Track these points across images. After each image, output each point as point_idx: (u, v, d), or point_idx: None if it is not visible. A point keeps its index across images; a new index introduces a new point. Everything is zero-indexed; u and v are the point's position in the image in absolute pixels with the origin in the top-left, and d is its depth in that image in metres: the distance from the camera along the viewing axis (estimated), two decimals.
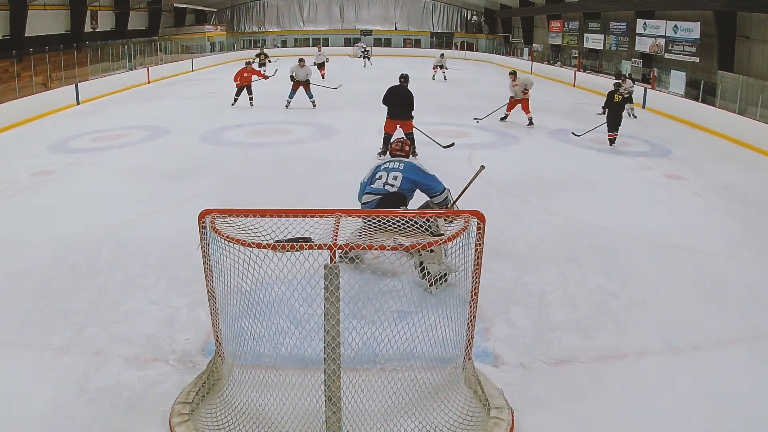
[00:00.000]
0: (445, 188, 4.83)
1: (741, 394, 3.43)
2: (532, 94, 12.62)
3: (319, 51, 21.30)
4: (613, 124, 10.41)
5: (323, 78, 19.70)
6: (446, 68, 21.62)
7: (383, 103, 9.12)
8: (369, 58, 27.65)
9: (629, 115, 13.21)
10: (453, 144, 9.56)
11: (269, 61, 21.69)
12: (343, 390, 2.87)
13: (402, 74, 9.57)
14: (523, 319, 4.26)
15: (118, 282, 4.75)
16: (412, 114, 9.09)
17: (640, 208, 6.94)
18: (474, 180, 5.10)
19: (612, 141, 10.32)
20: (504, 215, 6.35)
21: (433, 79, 21.20)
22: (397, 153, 5.18)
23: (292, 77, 13.55)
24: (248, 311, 3.17)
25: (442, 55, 22.33)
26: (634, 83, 15.24)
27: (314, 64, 20.32)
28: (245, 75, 13.75)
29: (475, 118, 12.44)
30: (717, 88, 13.88)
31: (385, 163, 4.99)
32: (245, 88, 13.87)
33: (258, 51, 23.89)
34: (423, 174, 4.83)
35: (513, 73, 12.75)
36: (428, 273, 4.42)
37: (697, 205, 7.25)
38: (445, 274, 4.21)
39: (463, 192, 5.15)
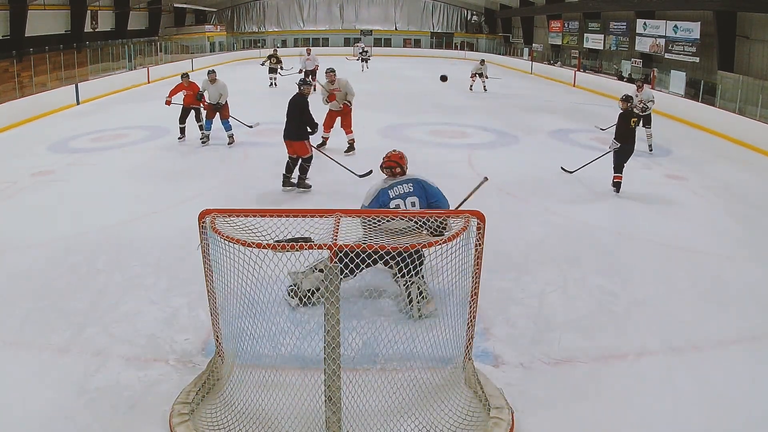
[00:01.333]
0: (449, 206, 4.44)
1: (741, 394, 3.44)
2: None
3: (308, 55, 16.74)
4: (622, 161, 7.35)
5: (314, 90, 16.88)
6: (487, 77, 18.19)
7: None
8: (367, 61, 24.52)
9: (648, 149, 10.03)
10: (371, 172, 7.28)
11: (281, 68, 17.98)
12: (343, 390, 2.87)
13: (300, 79, 7.69)
14: (523, 319, 4.26)
15: (118, 282, 4.75)
16: (307, 134, 7.06)
17: (640, 208, 6.94)
18: (475, 192, 4.82)
19: (618, 186, 7.40)
20: (504, 215, 6.35)
21: (471, 89, 18.06)
22: (397, 172, 4.46)
23: (200, 95, 9.76)
24: (248, 311, 3.17)
25: (483, 61, 18.52)
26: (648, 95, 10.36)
27: (300, 71, 16.61)
28: (187, 93, 9.94)
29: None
30: (717, 88, 13.89)
31: (391, 187, 4.36)
32: (194, 112, 9.98)
33: (270, 53, 19.07)
34: (434, 191, 4.35)
35: (332, 71, 9.37)
36: (411, 295, 4.12)
37: (697, 205, 7.25)
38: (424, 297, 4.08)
39: (462, 203, 4.88)
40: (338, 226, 3.02)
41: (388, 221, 3.26)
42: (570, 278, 4.95)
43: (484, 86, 18.15)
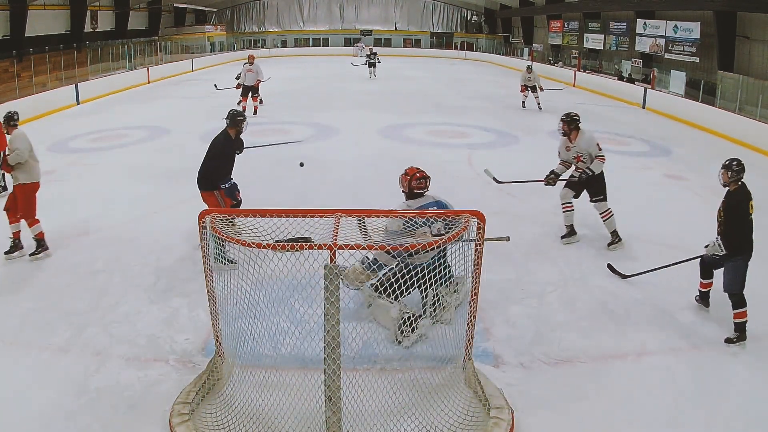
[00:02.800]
0: None
1: (741, 394, 3.44)
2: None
3: (250, 65, 12.22)
4: (742, 280, 4.19)
5: (254, 113, 12.08)
6: (542, 89, 13.98)
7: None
8: (375, 66, 20.97)
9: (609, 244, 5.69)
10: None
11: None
12: (343, 390, 2.87)
13: (231, 112, 5.59)
14: (523, 319, 4.26)
15: (118, 282, 4.75)
16: (222, 185, 5.26)
17: (640, 208, 6.93)
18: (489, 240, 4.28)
19: (706, 299, 4.49)
20: (504, 215, 6.35)
21: (523, 106, 14.20)
22: (428, 185, 4.26)
23: None
24: (248, 311, 3.17)
25: (530, 68, 14.19)
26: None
27: (238, 86, 12.48)
28: None
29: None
30: (717, 88, 13.88)
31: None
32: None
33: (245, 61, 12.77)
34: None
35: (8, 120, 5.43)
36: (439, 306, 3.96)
37: (697, 205, 7.24)
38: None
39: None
40: (338, 226, 3.02)
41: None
42: (570, 278, 4.95)
43: (539, 103, 13.82)
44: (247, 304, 3.16)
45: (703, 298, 4.54)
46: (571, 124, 5.64)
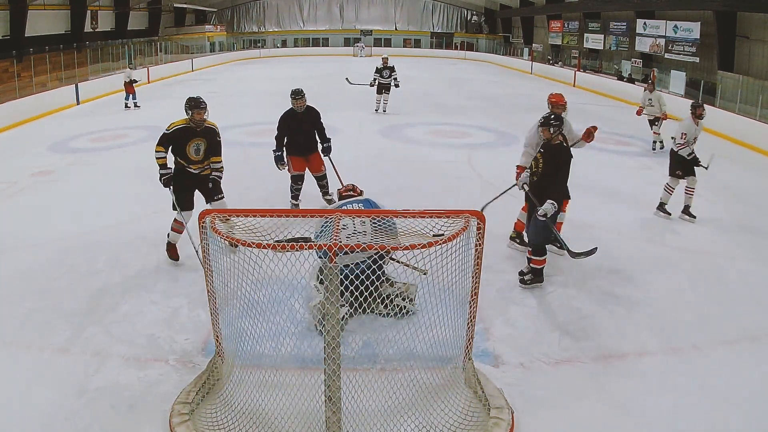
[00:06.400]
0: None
1: (741, 394, 3.43)
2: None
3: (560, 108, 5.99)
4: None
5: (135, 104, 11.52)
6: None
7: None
8: (389, 91, 13.00)
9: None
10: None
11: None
12: (343, 390, 2.87)
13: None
14: (523, 319, 4.26)
15: (118, 282, 4.75)
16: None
17: (640, 208, 6.93)
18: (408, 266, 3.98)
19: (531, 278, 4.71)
20: (504, 215, 6.34)
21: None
22: (357, 193, 4.70)
23: None
24: (248, 311, 3.17)
25: (649, 82, 9.88)
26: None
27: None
28: None
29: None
30: (717, 88, 13.88)
31: (341, 207, 4.31)
32: None
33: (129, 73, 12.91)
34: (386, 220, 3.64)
35: None
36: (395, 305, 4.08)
37: (697, 205, 7.24)
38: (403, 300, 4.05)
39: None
40: (338, 225, 3.02)
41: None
42: (570, 278, 4.95)
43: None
44: (247, 304, 3.16)
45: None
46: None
